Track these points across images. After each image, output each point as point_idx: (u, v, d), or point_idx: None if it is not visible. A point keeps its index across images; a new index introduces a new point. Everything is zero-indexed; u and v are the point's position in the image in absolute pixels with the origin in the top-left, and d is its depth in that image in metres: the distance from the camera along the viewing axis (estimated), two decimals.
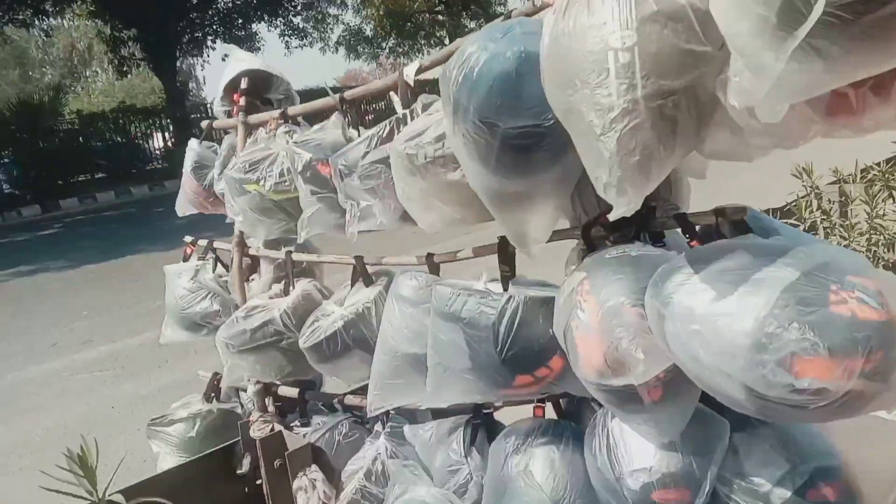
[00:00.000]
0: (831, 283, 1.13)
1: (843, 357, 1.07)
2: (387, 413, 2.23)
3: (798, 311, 1.10)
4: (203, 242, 2.86)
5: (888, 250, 3.72)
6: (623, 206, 1.16)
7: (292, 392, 2.50)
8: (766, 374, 1.07)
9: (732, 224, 1.39)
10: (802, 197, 4.20)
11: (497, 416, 2.09)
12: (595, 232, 1.63)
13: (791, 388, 1.07)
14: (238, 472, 2.51)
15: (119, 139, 22.94)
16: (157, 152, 23.57)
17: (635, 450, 1.59)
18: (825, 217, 3.96)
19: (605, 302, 1.40)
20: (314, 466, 2.30)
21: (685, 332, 1.20)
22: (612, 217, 1.21)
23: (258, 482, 2.49)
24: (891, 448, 1.49)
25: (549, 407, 1.94)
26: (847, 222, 3.90)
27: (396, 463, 1.96)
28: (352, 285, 2.29)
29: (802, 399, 1.09)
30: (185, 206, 2.89)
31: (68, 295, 9.06)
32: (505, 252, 1.82)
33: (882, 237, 3.75)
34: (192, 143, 2.85)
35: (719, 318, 1.16)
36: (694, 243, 1.44)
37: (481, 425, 2.01)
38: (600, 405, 1.71)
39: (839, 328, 1.09)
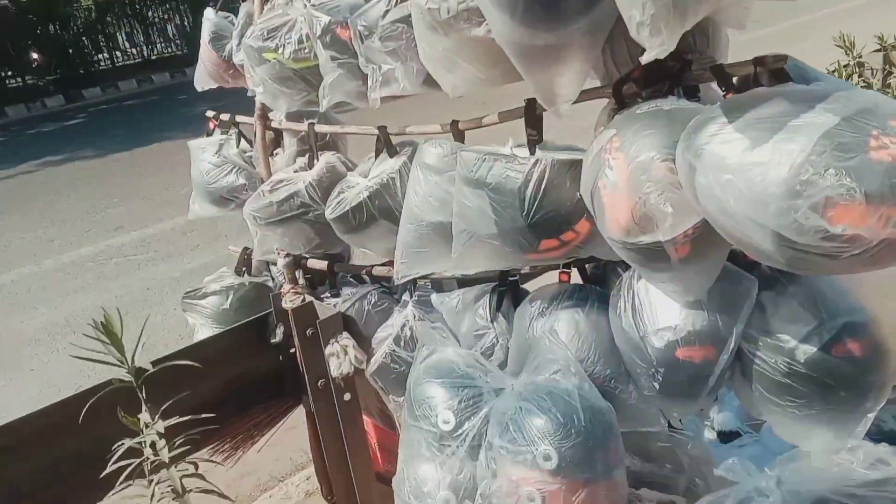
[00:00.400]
0: (872, 129, 1.08)
1: (880, 203, 1.04)
2: (414, 283, 2.26)
3: (836, 156, 1.06)
4: (226, 117, 2.82)
5: None
6: (656, 48, 1.11)
7: (321, 264, 2.54)
8: (799, 218, 1.04)
9: (772, 73, 1.32)
10: (844, 65, 4.00)
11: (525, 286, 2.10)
12: (627, 89, 1.57)
13: (824, 234, 1.05)
14: (272, 341, 2.59)
15: (137, 24, 22.43)
16: (174, 36, 23.02)
17: (660, 309, 1.61)
18: (866, 85, 3.78)
19: (635, 158, 1.36)
20: (345, 333, 2.36)
21: (717, 183, 1.17)
22: (644, 60, 1.15)
23: (291, 350, 2.57)
24: None
25: (574, 274, 1.94)
26: (890, 90, 3.73)
27: (424, 325, 2.01)
28: (376, 156, 2.26)
29: (835, 247, 1.07)
30: (204, 79, 2.84)
31: (98, 183, 9.18)
32: (532, 115, 1.77)
33: None
34: (209, 13, 2.76)
35: (753, 168, 1.12)
36: (730, 95, 1.38)
37: (507, 292, 2.02)
38: (626, 268, 1.72)
39: (878, 174, 1.05)
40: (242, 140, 2.84)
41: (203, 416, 2.08)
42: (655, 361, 1.60)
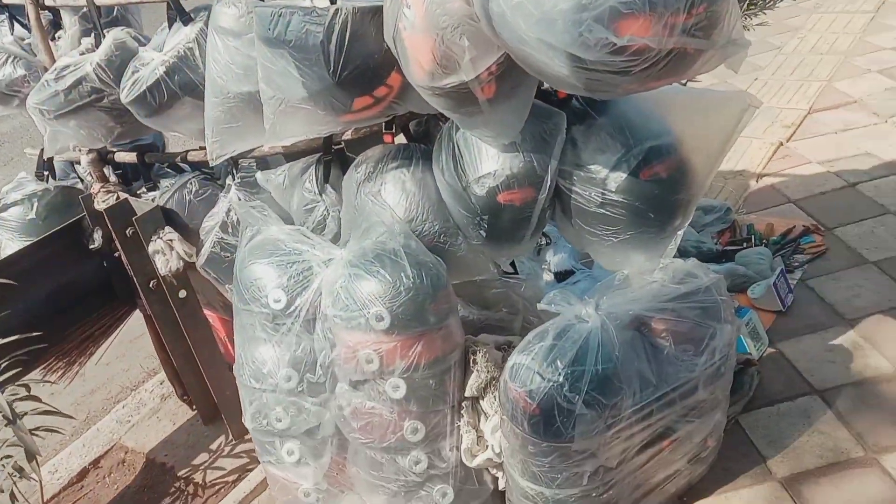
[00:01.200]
0: None
1: (663, 11, 1.03)
2: (236, 163, 2.11)
3: None
4: None
5: None
6: None
7: (130, 156, 2.31)
8: (584, 32, 1.01)
9: None
10: None
11: None
12: None
13: (611, 48, 1.03)
14: (91, 247, 2.38)
15: None
16: None
17: (479, 157, 1.58)
18: None
19: None
20: (168, 228, 2.19)
21: (508, 8, 1.11)
22: None
23: (116, 254, 2.39)
24: (720, 118, 1.54)
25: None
26: None
27: (242, 205, 1.89)
28: (169, 27, 2.03)
29: (624, 61, 1.06)
30: None
31: None
32: None
33: None
34: None
35: None
36: None
37: (333, 161, 1.93)
38: (447, 121, 1.67)
39: None
40: (16, 25, 2.47)
41: (27, 335, 1.91)
42: (479, 209, 1.60)
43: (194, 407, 2.68)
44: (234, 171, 2.13)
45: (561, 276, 2.51)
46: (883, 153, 3.07)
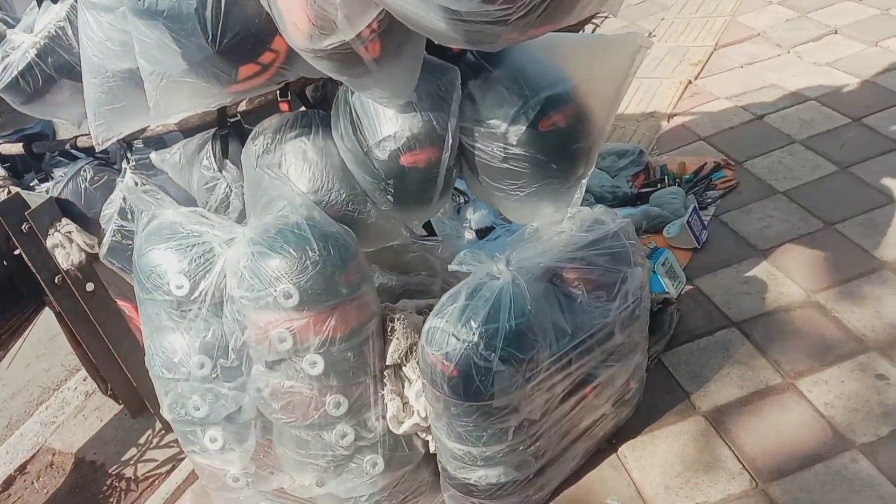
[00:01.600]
0: None
1: None
2: (129, 145, 2.00)
3: None
4: None
5: None
6: None
7: (17, 148, 2.17)
8: None
9: None
10: None
11: None
12: None
13: None
14: None
15: None
16: None
17: (378, 120, 1.53)
18: None
19: None
20: (65, 220, 2.08)
21: None
22: None
23: (17, 251, 2.25)
24: (613, 62, 1.52)
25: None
26: None
27: (132, 191, 1.79)
28: (38, 5, 1.89)
29: (498, 10, 1.01)
30: None
31: None
32: None
33: None
34: None
35: None
36: None
37: (230, 135, 1.84)
38: (342, 84, 1.60)
39: None
40: None
41: None
42: (383, 174, 1.55)
43: (120, 401, 2.59)
44: (129, 154, 2.03)
45: (482, 233, 2.50)
46: (787, 83, 3.14)
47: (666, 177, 2.70)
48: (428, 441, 1.71)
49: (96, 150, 1.84)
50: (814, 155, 2.67)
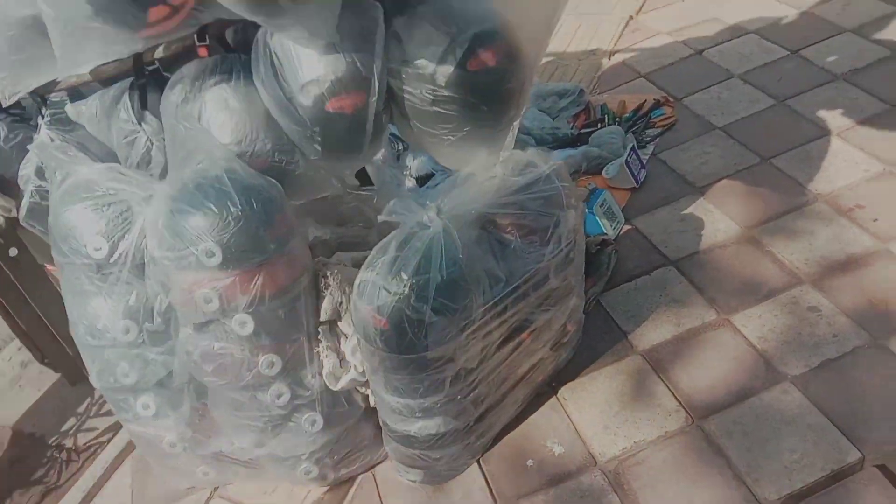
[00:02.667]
0: None
1: None
2: (44, 99, 1.88)
3: None
4: None
5: None
6: None
7: None
8: None
9: None
10: None
11: None
12: None
13: None
14: None
15: None
16: None
17: (300, 63, 1.45)
18: None
19: None
20: None
21: None
22: None
23: None
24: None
25: None
26: None
27: (42, 148, 1.68)
28: None
29: None
30: None
31: None
32: None
33: None
34: None
35: None
36: None
37: (148, 84, 1.74)
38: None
39: None
40: None
41: None
42: (309, 121, 1.48)
43: (57, 370, 2.51)
44: (43, 109, 1.91)
45: (422, 181, 2.45)
46: (726, 16, 3.11)
47: (606, 116, 2.67)
48: (368, 395, 1.69)
49: (3, 105, 1.71)
50: (752, 89, 2.67)
